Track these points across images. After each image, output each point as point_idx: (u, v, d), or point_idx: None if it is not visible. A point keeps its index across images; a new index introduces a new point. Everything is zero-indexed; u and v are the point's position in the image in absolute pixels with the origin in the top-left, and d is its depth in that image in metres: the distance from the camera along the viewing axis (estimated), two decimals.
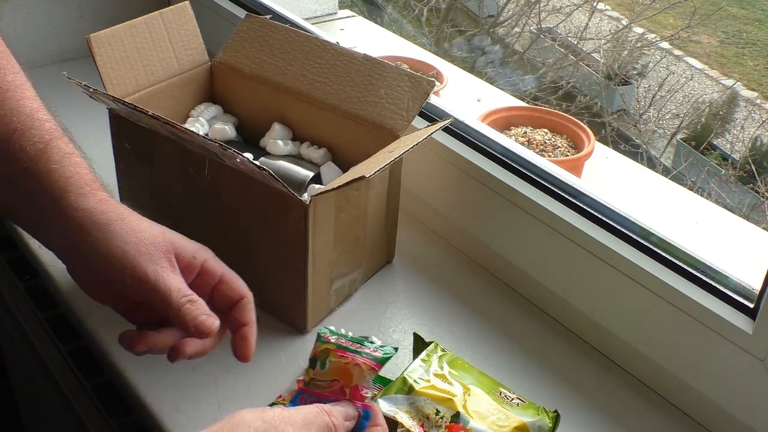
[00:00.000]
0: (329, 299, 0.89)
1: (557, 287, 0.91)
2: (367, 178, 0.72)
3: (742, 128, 4.65)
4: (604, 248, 0.84)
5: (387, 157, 0.78)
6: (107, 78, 0.90)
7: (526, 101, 3.18)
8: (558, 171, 0.93)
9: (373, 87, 0.92)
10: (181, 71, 0.98)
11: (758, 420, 0.75)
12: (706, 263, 0.80)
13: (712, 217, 1.24)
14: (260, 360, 0.84)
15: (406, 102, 0.89)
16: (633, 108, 4.80)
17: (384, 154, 0.80)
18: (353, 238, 0.89)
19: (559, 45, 4.58)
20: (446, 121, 0.89)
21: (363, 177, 0.72)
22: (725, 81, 5.07)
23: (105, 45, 0.89)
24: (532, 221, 0.91)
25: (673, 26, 4.88)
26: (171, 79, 0.97)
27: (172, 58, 0.97)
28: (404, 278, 0.97)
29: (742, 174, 4.06)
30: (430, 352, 0.77)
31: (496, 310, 0.93)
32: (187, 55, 0.99)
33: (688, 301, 0.78)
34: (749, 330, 0.74)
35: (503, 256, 0.96)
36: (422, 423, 0.70)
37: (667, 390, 0.83)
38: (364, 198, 0.88)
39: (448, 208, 1.03)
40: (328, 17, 1.70)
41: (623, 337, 0.85)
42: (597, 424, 0.79)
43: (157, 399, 0.79)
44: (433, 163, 1.02)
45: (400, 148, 0.80)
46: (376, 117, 0.91)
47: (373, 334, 0.88)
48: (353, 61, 0.94)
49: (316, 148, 0.97)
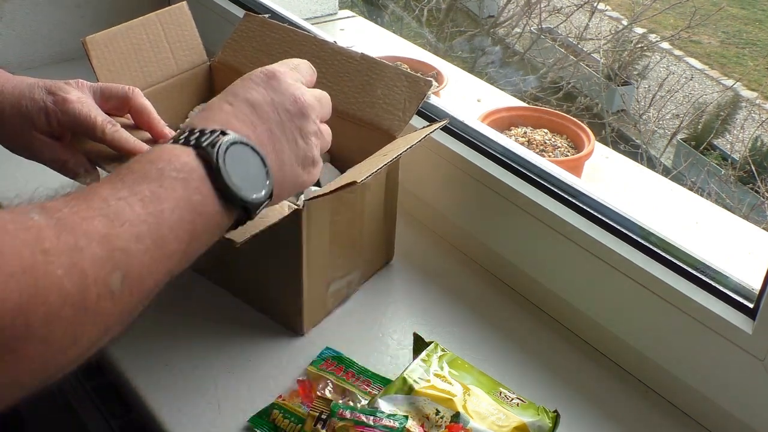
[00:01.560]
0: (327, 301, 0.89)
1: (557, 287, 0.91)
2: (357, 184, 0.72)
3: (742, 128, 4.66)
4: (604, 248, 0.84)
5: (380, 161, 0.78)
6: (104, 80, 0.89)
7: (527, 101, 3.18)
8: (558, 171, 0.93)
9: (371, 87, 0.92)
10: (179, 72, 0.98)
11: (758, 420, 0.75)
12: (706, 263, 0.80)
13: (712, 217, 1.24)
14: (260, 360, 0.84)
15: (403, 102, 0.89)
16: (633, 108, 4.80)
17: (378, 158, 0.80)
18: (349, 241, 0.89)
19: (559, 45, 4.58)
20: (441, 123, 0.89)
21: (354, 182, 0.73)
22: (725, 81, 5.07)
23: (101, 47, 0.89)
24: (532, 221, 0.91)
25: (674, 26, 4.88)
26: (169, 79, 0.97)
27: (170, 58, 0.97)
28: (404, 278, 0.97)
29: (742, 174, 4.06)
30: (430, 352, 0.77)
31: (496, 310, 0.93)
32: (185, 55, 0.98)
33: (688, 301, 0.78)
34: (749, 330, 0.74)
35: (503, 256, 0.96)
36: (422, 423, 0.70)
37: (666, 390, 0.83)
38: (359, 200, 0.88)
39: (447, 208, 1.03)
40: (329, 17, 1.70)
41: (623, 336, 0.85)
42: (597, 424, 0.79)
43: (157, 399, 0.79)
44: (432, 164, 1.02)
45: (394, 152, 0.80)
46: (373, 117, 0.91)
47: (373, 335, 0.88)
48: (351, 60, 0.94)
49: None
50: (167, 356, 0.84)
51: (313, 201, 0.77)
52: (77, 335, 0.46)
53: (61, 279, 0.44)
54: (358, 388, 0.78)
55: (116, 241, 0.48)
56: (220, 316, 0.89)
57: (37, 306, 0.43)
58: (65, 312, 0.44)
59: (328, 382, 0.79)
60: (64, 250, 0.45)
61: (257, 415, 0.77)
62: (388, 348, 0.86)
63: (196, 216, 0.54)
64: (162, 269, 0.52)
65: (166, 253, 0.52)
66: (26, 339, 0.43)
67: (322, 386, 0.78)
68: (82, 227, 0.47)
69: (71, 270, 0.45)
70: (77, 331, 0.46)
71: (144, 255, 0.50)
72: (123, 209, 0.50)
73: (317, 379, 0.79)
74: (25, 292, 0.42)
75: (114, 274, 0.47)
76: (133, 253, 0.49)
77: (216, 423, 0.77)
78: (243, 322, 0.89)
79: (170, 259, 0.53)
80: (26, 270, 0.43)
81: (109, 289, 0.47)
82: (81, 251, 0.46)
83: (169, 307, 0.90)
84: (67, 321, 0.45)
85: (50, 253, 0.44)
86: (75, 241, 0.46)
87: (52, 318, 0.44)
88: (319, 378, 0.79)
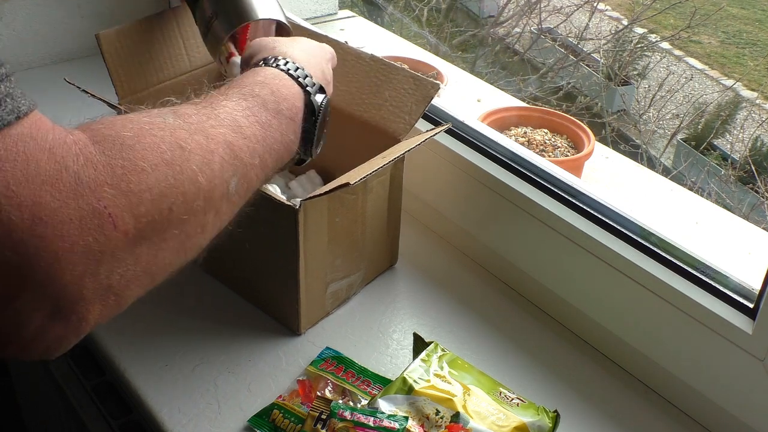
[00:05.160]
0: (325, 302, 0.89)
1: (557, 287, 0.91)
2: (351, 185, 0.73)
3: (742, 128, 4.65)
4: (604, 248, 0.84)
5: (378, 163, 0.78)
6: (116, 75, 0.89)
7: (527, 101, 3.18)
8: (558, 171, 0.93)
9: (378, 89, 0.91)
10: (191, 68, 0.98)
11: (758, 420, 0.75)
12: (706, 263, 0.80)
13: (712, 217, 1.24)
14: (260, 360, 0.84)
15: (410, 105, 0.89)
16: (633, 108, 4.80)
17: (377, 160, 0.81)
18: (350, 242, 0.89)
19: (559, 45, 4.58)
20: (443, 127, 0.89)
21: (348, 183, 0.73)
22: (725, 81, 5.07)
23: (114, 43, 0.89)
24: (532, 221, 0.91)
25: (674, 26, 4.88)
26: (181, 76, 0.97)
27: (183, 55, 0.97)
28: (406, 280, 0.97)
29: (742, 174, 4.06)
30: (430, 352, 0.77)
31: (496, 310, 0.93)
32: (198, 52, 0.98)
33: (688, 301, 0.78)
34: (749, 330, 0.74)
35: (503, 256, 0.96)
36: (422, 423, 0.70)
37: (666, 390, 0.83)
38: (361, 202, 0.88)
39: (447, 208, 1.03)
40: (329, 17, 1.70)
41: (623, 336, 0.85)
42: (597, 424, 0.79)
43: (157, 399, 0.79)
44: (433, 165, 1.02)
45: (391, 155, 0.80)
46: (379, 120, 0.91)
47: (373, 335, 0.88)
48: (360, 61, 0.94)
49: None
50: (167, 356, 0.84)
51: (309, 201, 0.77)
52: (204, 225, 0.53)
53: (196, 174, 0.51)
54: (358, 388, 0.78)
55: (238, 151, 0.56)
56: (221, 317, 0.90)
57: (178, 195, 0.49)
58: (198, 204, 0.51)
59: (328, 382, 0.79)
60: (197, 150, 0.51)
61: (257, 415, 0.77)
62: (388, 348, 0.86)
63: (285, 151, 0.63)
64: (255, 186, 0.60)
65: (264, 172, 0.60)
66: (169, 223, 0.49)
67: (322, 386, 0.78)
68: (211, 133, 0.54)
69: (204, 168, 0.51)
70: (204, 221, 0.53)
71: (252, 170, 0.57)
72: (245, 127, 0.58)
73: (317, 379, 0.79)
74: (167, 182, 0.48)
75: (233, 179, 0.55)
76: (247, 165, 0.57)
77: (216, 423, 0.77)
78: (243, 323, 0.89)
79: (262, 179, 0.60)
80: (168, 163, 0.49)
81: (227, 190, 0.54)
82: (212, 153, 0.53)
83: (169, 307, 0.90)
84: (199, 211, 0.52)
85: (186, 150, 0.51)
86: (206, 144, 0.53)
87: (189, 207, 0.50)
88: (319, 378, 0.79)
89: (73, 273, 0.44)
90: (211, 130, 0.54)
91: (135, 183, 0.46)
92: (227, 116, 0.57)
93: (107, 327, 0.86)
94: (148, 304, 0.88)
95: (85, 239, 0.44)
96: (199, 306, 0.91)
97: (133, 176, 0.46)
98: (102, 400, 0.90)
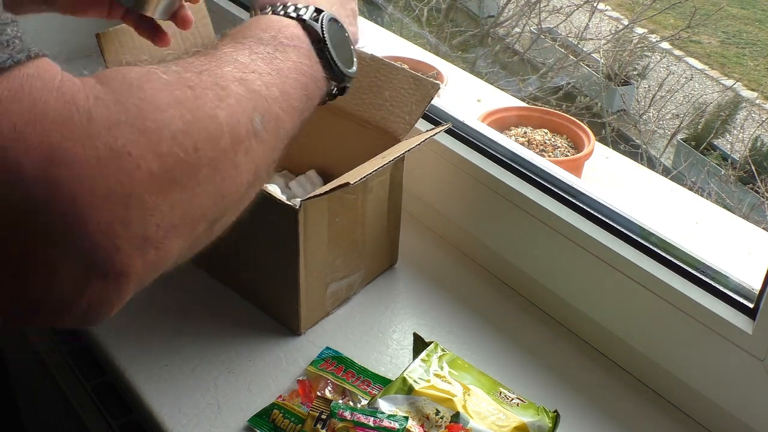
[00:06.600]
0: (325, 302, 0.89)
1: (557, 287, 0.91)
2: (351, 185, 0.73)
3: (742, 128, 4.65)
4: (604, 248, 0.84)
5: (378, 163, 0.78)
6: None
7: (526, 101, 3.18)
8: (558, 171, 0.93)
9: (378, 89, 0.91)
10: None
11: (758, 420, 0.75)
12: (706, 263, 0.80)
13: (712, 217, 1.24)
14: (260, 360, 0.84)
15: (410, 105, 0.89)
16: (633, 108, 4.80)
17: (377, 160, 0.81)
18: (350, 242, 0.89)
19: (559, 45, 4.58)
20: (443, 127, 0.89)
21: (347, 183, 0.73)
22: (725, 81, 5.07)
23: (114, 41, 0.89)
24: (532, 221, 0.91)
25: (674, 26, 4.88)
26: None
27: (183, 55, 0.96)
28: (406, 280, 0.97)
29: (742, 174, 4.05)
30: (430, 352, 0.77)
31: (496, 310, 0.93)
32: (198, 52, 0.98)
33: (688, 301, 0.78)
34: (749, 330, 0.74)
35: (503, 256, 0.96)
36: (422, 423, 0.70)
37: (666, 390, 0.83)
38: (361, 202, 0.88)
39: (447, 208, 1.03)
40: None
41: (623, 337, 0.85)
42: (597, 424, 0.79)
43: (157, 399, 0.79)
44: (433, 165, 1.02)
45: (391, 155, 0.80)
46: (379, 120, 0.91)
47: (373, 335, 0.88)
48: (360, 61, 0.93)
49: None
50: (167, 356, 0.84)
51: (309, 201, 0.77)
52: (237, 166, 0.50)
53: (214, 110, 0.48)
54: (358, 388, 0.78)
55: (251, 84, 0.53)
56: (221, 317, 0.90)
57: (200, 131, 0.46)
58: (224, 141, 0.48)
59: (328, 382, 0.79)
60: (208, 87, 0.50)
61: (257, 415, 0.77)
62: (388, 348, 0.86)
63: (309, 79, 0.60)
64: (288, 124, 0.56)
65: (292, 106, 0.57)
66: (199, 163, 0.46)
67: (322, 386, 0.78)
68: (218, 72, 0.52)
69: (220, 104, 0.49)
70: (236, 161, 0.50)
71: (274, 104, 0.54)
72: (249, 62, 0.55)
73: (317, 379, 0.79)
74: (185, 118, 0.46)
75: (255, 114, 0.52)
76: (266, 98, 0.54)
77: (216, 423, 0.77)
78: (243, 323, 0.89)
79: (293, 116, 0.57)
80: (180, 101, 0.46)
81: (253, 127, 0.51)
82: (224, 89, 0.50)
83: (169, 307, 0.90)
84: (228, 150, 0.49)
85: (196, 88, 0.49)
86: (215, 80, 0.51)
87: (215, 145, 0.48)
88: (319, 378, 0.79)
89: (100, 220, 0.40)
90: (217, 69, 0.52)
91: (151, 120, 0.44)
92: (228, 57, 0.55)
93: (107, 327, 0.86)
94: (148, 304, 0.89)
95: (106, 182, 0.41)
96: (199, 306, 0.91)
97: (149, 114, 0.44)
98: (102, 400, 0.90)
